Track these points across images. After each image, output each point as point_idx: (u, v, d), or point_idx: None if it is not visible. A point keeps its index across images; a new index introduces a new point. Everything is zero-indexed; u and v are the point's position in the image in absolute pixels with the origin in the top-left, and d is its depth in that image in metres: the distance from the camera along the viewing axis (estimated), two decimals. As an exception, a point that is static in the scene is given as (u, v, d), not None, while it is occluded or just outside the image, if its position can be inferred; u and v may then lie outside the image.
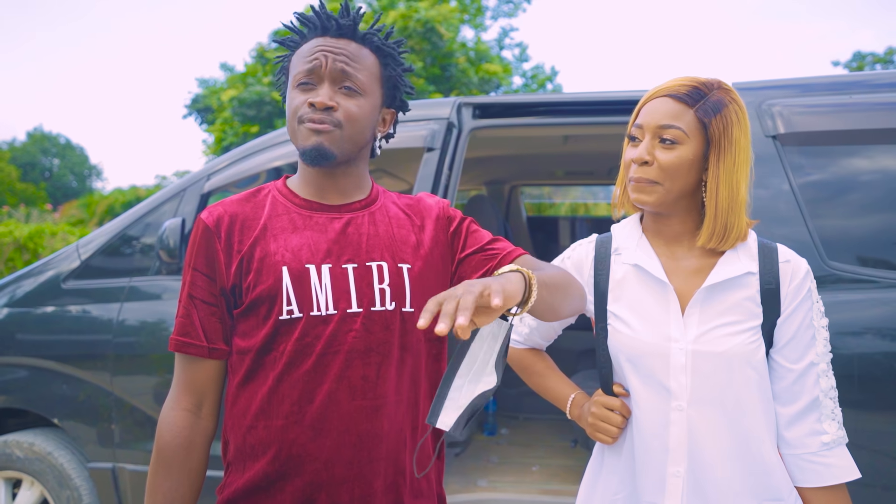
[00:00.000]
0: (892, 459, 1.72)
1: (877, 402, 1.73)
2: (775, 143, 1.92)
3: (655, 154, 1.15)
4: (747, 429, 1.14)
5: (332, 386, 1.07)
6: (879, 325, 1.76)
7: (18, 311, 2.57)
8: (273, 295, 1.07)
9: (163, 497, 1.10)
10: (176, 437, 1.11)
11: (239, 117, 14.79)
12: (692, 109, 1.14)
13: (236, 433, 1.11)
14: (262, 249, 1.10)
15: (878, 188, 1.88)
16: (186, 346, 1.11)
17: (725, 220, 1.15)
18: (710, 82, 1.17)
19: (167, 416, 1.12)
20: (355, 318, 1.09)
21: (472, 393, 0.97)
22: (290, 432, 1.07)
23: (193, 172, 2.60)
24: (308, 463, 1.07)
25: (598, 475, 1.27)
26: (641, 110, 1.20)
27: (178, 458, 1.11)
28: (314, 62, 1.10)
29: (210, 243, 1.11)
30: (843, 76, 2.16)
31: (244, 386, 1.11)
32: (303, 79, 1.11)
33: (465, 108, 2.39)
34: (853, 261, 1.82)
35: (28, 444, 2.45)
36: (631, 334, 1.19)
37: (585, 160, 3.79)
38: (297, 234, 1.11)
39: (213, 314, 1.12)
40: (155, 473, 1.11)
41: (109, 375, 2.37)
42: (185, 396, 1.13)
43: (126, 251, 2.56)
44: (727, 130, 1.14)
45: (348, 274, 1.10)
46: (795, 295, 1.16)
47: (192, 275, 1.12)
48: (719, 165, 1.14)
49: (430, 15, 13.75)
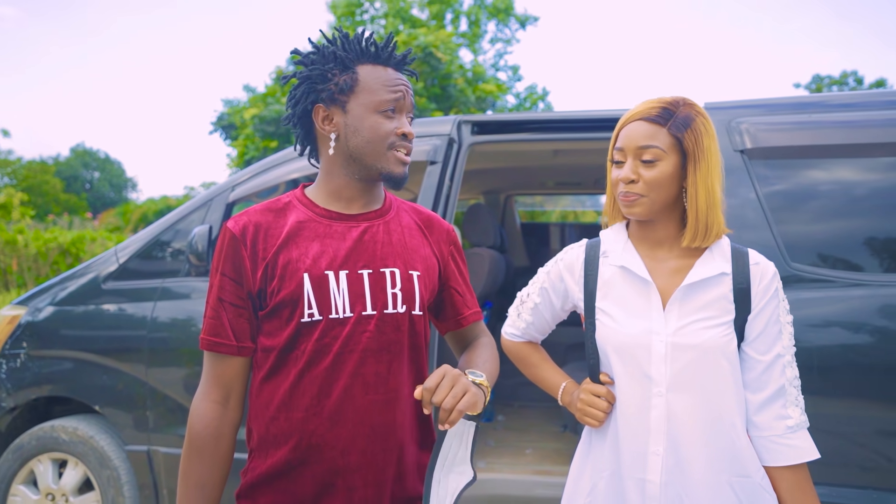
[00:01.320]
0: (848, 441, 1.72)
1: (834, 389, 1.74)
2: (743, 157, 1.93)
3: (640, 172, 1.16)
4: (720, 413, 1.14)
5: (348, 382, 1.07)
6: (836, 321, 1.77)
7: (63, 309, 2.57)
8: (295, 299, 1.07)
9: (195, 481, 1.10)
10: (206, 426, 1.10)
11: (260, 133, 14.78)
12: (665, 128, 1.15)
13: (260, 423, 1.11)
14: (285, 257, 1.09)
15: (834, 197, 1.88)
16: (217, 346, 1.10)
17: (706, 220, 1.16)
18: (676, 100, 1.18)
19: (198, 407, 1.12)
20: (369, 320, 1.09)
21: (452, 487, 1.03)
22: (310, 424, 1.07)
23: (219, 184, 2.60)
24: (326, 451, 1.07)
25: (586, 455, 1.28)
26: (619, 135, 1.20)
27: (209, 446, 1.10)
28: (398, 94, 1.12)
29: (237, 251, 1.10)
30: (804, 97, 2.17)
31: (268, 380, 1.11)
32: (389, 106, 1.12)
33: (464, 125, 2.40)
34: (813, 262, 1.82)
35: (72, 429, 2.46)
36: (617, 328, 1.19)
37: (573, 172, 3.78)
38: (317, 241, 1.11)
39: (241, 315, 1.11)
40: (187, 459, 1.11)
41: (144, 367, 2.37)
42: (215, 390, 1.12)
43: (159, 255, 2.56)
44: (699, 141, 1.15)
45: (364, 279, 1.10)
46: (764, 294, 1.17)
47: (221, 279, 1.11)
48: (696, 173, 1.15)
49: (429, 40, 13.76)
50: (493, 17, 20.17)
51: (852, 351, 1.73)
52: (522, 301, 1.38)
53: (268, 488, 1.09)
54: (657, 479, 1.14)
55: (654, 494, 1.13)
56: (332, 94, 1.11)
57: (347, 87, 1.11)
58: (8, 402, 2.54)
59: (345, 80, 1.11)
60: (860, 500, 1.70)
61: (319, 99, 1.13)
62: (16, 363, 2.54)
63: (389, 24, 16.75)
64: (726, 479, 1.13)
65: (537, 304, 1.35)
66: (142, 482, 2.39)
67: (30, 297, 2.67)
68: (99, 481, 2.41)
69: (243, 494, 1.12)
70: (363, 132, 1.11)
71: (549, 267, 1.34)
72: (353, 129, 1.11)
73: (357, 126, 1.11)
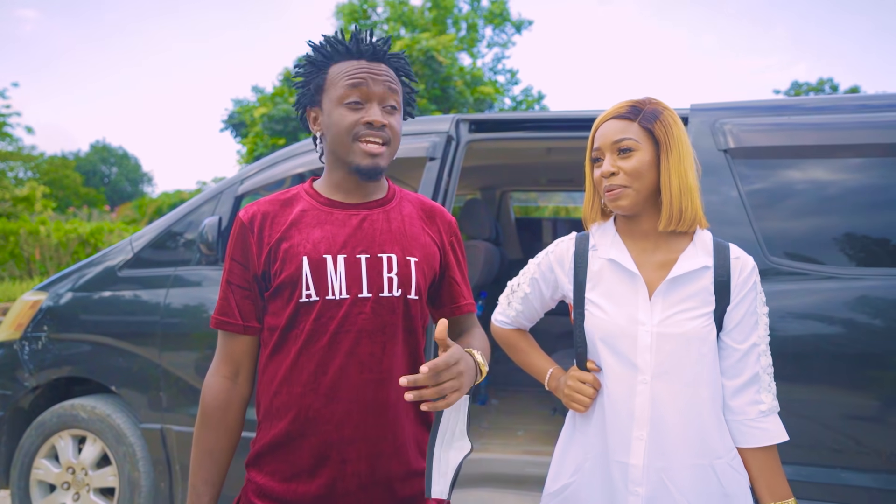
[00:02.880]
0: (817, 424, 1.72)
1: (806, 376, 1.74)
2: (726, 156, 1.92)
3: (619, 165, 1.16)
4: (700, 399, 1.14)
5: (344, 360, 1.07)
6: (810, 312, 1.77)
7: (82, 295, 2.57)
8: (294, 281, 1.08)
9: (205, 447, 1.13)
10: (216, 398, 1.13)
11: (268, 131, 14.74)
12: (636, 122, 1.17)
13: (265, 397, 1.13)
14: (287, 242, 1.10)
15: (810, 195, 1.88)
16: (224, 324, 1.13)
17: (679, 205, 1.16)
18: (643, 100, 1.20)
19: (209, 382, 1.15)
20: (365, 303, 1.09)
21: (451, 460, 1.04)
22: (307, 398, 1.07)
23: (229, 178, 2.59)
24: (321, 425, 1.07)
25: (570, 438, 1.28)
26: (595, 135, 1.21)
27: (217, 416, 1.13)
28: (356, 80, 1.07)
29: (245, 237, 1.12)
30: (782, 100, 2.15)
31: (272, 358, 1.12)
32: (351, 97, 1.08)
33: (462, 123, 2.39)
34: (790, 256, 1.82)
35: (91, 408, 2.47)
36: (605, 318, 1.19)
37: (566, 169, 3.77)
38: (318, 228, 1.11)
39: (247, 297, 1.13)
40: (199, 428, 1.14)
41: (158, 351, 2.38)
42: (224, 366, 1.15)
43: (171, 245, 2.56)
44: (669, 131, 1.16)
45: (361, 263, 1.10)
46: (743, 286, 1.17)
47: (231, 264, 1.13)
48: (669, 160, 1.16)
49: (430, 45, 13.69)
50: (490, 22, 20.08)
51: (824, 340, 1.74)
52: (513, 290, 1.38)
53: (271, 457, 1.11)
54: (640, 462, 1.14)
55: (636, 477, 1.14)
56: (311, 96, 1.14)
57: (319, 87, 1.13)
58: (30, 382, 2.55)
59: (318, 81, 1.13)
60: (827, 479, 1.71)
61: (307, 102, 1.15)
62: (37, 345, 2.55)
63: (391, 28, 16.66)
64: (706, 462, 1.13)
65: (527, 294, 1.35)
66: (155, 458, 2.40)
67: (50, 284, 2.67)
68: (116, 456, 2.42)
69: (251, 462, 1.14)
70: (332, 127, 1.10)
71: (539, 258, 1.34)
72: (327, 126, 1.12)
73: (328, 122, 1.11)
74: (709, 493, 1.12)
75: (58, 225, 11.12)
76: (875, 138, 1.84)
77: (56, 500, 2.49)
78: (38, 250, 10.62)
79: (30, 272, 10.73)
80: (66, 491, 2.48)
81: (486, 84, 16.09)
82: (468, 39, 19.39)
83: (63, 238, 10.70)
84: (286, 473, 1.09)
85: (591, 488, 1.19)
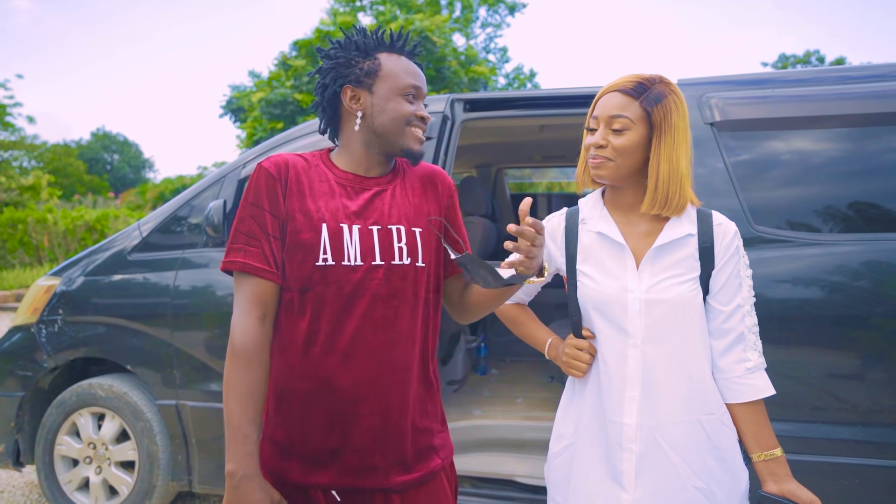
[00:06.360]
0: (801, 383, 1.76)
1: (790, 337, 1.77)
2: (712, 129, 1.93)
3: (609, 139, 1.17)
4: (688, 360, 1.17)
5: (359, 322, 1.11)
6: (793, 276, 1.80)
7: (94, 278, 2.59)
8: (313, 244, 1.10)
9: (246, 388, 1.07)
10: (252, 338, 1.09)
11: (266, 116, 14.59)
12: (637, 101, 1.16)
13: (282, 356, 1.14)
14: (307, 205, 1.13)
15: (794, 166, 1.89)
16: (263, 272, 1.10)
17: (666, 191, 1.16)
18: (653, 77, 1.18)
19: (242, 324, 1.09)
20: (378, 269, 1.13)
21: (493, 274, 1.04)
22: (325, 358, 1.11)
23: (230, 162, 2.59)
24: (337, 382, 1.11)
25: (570, 402, 1.31)
26: (597, 104, 1.21)
27: (256, 356, 1.09)
28: (420, 82, 1.20)
29: (273, 187, 1.12)
30: (766, 73, 2.15)
31: (289, 317, 1.13)
32: (411, 91, 1.18)
33: (457, 103, 2.38)
34: (774, 225, 1.84)
35: (108, 386, 2.50)
36: (596, 287, 1.21)
37: (559, 146, 3.76)
38: (334, 199, 1.15)
39: (280, 246, 1.13)
40: (236, 371, 1.08)
41: (169, 330, 2.40)
42: (255, 307, 1.10)
43: (178, 229, 2.56)
44: (667, 117, 1.15)
45: (374, 234, 1.14)
46: (726, 251, 1.19)
47: (257, 212, 1.12)
48: (661, 146, 1.16)
49: (424, 25, 13.48)
50: (484, 2, 19.72)
51: (807, 303, 1.77)
52: None
53: (288, 413, 1.13)
54: (633, 421, 1.16)
55: (630, 435, 1.16)
56: (358, 77, 1.17)
57: (372, 72, 1.17)
58: (49, 363, 2.58)
59: (369, 66, 1.17)
60: (811, 433, 1.76)
61: (347, 81, 1.18)
62: (54, 328, 2.57)
63: (387, 10, 16.36)
64: (695, 418, 1.16)
65: None
66: (172, 432, 2.44)
67: (63, 269, 2.69)
68: (134, 432, 2.47)
69: (267, 419, 1.17)
70: (388, 112, 1.17)
71: None
72: (380, 109, 1.17)
73: (383, 106, 1.17)
74: (699, 447, 1.15)
75: (65, 212, 11.07)
76: (854, 108, 1.84)
77: (79, 474, 2.55)
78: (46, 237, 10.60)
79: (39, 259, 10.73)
80: (89, 465, 2.54)
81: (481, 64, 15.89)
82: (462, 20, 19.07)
83: (70, 225, 10.66)
84: (302, 429, 1.12)
85: (591, 447, 1.22)
